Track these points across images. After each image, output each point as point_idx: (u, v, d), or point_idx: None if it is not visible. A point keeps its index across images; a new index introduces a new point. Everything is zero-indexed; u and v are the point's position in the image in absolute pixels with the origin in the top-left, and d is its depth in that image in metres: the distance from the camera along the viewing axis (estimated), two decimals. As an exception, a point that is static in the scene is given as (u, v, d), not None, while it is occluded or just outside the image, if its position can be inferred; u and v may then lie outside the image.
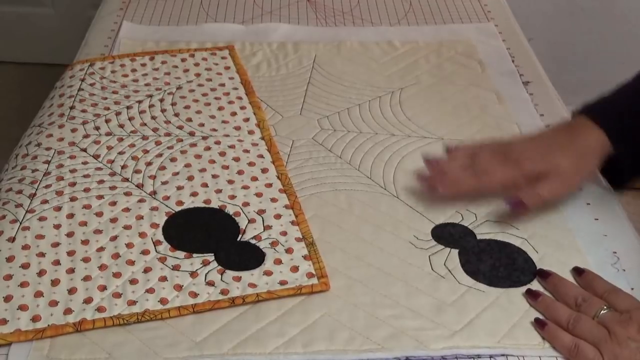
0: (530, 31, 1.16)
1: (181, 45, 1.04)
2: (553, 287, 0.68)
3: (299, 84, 0.97)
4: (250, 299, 0.65)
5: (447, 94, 0.96)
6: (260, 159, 0.82)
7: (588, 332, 0.62)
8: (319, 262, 0.69)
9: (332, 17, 1.14)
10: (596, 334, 0.61)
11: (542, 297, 0.66)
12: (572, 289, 0.67)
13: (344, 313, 0.65)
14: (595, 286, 0.67)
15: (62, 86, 0.94)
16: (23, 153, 0.82)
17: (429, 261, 0.70)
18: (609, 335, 0.61)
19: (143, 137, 0.84)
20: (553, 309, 0.65)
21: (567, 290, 0.67)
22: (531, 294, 0.67)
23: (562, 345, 0.62)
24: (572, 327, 0.63)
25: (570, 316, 0.64)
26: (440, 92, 0.96)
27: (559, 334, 0.63)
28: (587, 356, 0.60)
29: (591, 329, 0.62)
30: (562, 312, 0.65)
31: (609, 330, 0.61)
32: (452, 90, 0.97)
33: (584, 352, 0.61)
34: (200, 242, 0.71)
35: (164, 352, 0.61)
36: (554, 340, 0.63)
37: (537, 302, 0.66)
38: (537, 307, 0.66)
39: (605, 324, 0.62)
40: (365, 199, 0.78)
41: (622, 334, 0.60)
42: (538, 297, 0.66)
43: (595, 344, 0.61)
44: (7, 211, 0.73)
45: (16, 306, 0.63)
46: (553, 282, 0.68)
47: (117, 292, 0.65)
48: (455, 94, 0.96)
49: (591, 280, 0.68)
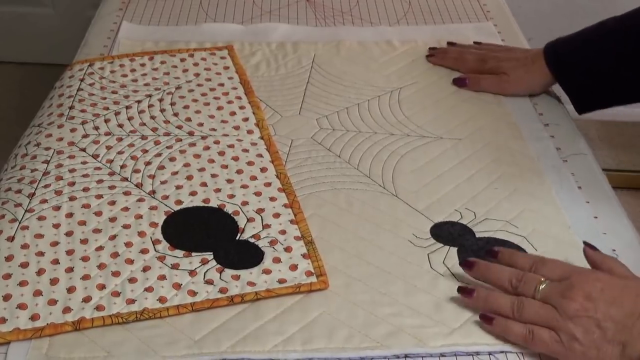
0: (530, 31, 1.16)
1: (180, 45, 1.04)
2: (482, 275, 0.65)
3: (298, 83, 0.97)
4: (249, 297, 0.65)
5: (446, 93, 0.96)
6: (259, 158, 0.82)
7: (536, 315, 0.60)
8: (317, 261, 0.69)
9: (331, 17, 1.14)
10: (544, 315, 0.59)
11: (476, 290, 0.64)
12: (502, 272, 0.64)
13: (343, 311, 0.65)
14: (518, 262, 0.65)
15: (62, 86, 0.94)
16: (22, 153, 0.82)
17: (428, 259, 0.70)
18: (557, 313, 0.59)
19: (142, 136, 0.84)
20: (492, 300, 0.63)
21: (498, 274, 0.64)
22: (465, 291, 0.64)
23: (516, 336, 0.60)
24: (519, 315, 0.61)
25: (512, 303, 0.61)
26: (439, 92, 0.96)
27: (509, 325, 0.61)
28: (544, 340, 0.59)
29: (537, 311, 0.60)
30: (502, 301, 0.62)
31: (556, 307, 0.59)
32: (451, 89, 0.97)
33: (539, 336, 0.59)
34: (199, 241, 0.71)
35: (162, 351, 0.61)
36: (506, 332, 0.61)
37: (473, 297, 0.64)
38: (475, 304, 0.64)
39: (548, 301, 0.60)
40: (364, 198, 0.78)
41: (570, 308, 0.58)
42: (472, 292, 0.64)
43: (547, 325, 0.59)
44: (6, 210, 0.73)
45: (15, 305, 0.63)
46: (480, 270, 0.65)
47: (116, 291, 0.65)
48: (454, 94, 0.96)
49: (510, 257, 0.66)
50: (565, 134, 0.89)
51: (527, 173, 0.82)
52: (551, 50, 0.92)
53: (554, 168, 0.83)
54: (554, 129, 0.89)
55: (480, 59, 0.98)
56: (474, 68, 0.98)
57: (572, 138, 0.88)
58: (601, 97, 0.91)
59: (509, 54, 0.97)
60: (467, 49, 1.01)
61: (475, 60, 0.98)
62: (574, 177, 0.82)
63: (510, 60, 0.95)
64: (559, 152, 0.86)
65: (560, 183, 0.81)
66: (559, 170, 0.83)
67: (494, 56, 0.97)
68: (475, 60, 0.98)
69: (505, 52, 0.99)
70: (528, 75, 0.94)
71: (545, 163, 0.84)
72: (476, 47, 1.02)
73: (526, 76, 0.94)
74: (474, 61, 0.98)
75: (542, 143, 0.87)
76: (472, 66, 0.98)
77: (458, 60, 1.00)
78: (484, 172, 0.82)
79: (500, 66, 0.95)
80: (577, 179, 0.82)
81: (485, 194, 0.79)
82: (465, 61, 0.99)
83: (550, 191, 0.79)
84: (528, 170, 0.82)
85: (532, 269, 0.64)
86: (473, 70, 0.97)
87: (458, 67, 0.99)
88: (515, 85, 0.94)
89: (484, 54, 0.98)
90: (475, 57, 0.99)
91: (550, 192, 0.79)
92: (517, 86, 0.94)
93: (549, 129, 0.89)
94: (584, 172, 0.83)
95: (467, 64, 0.98)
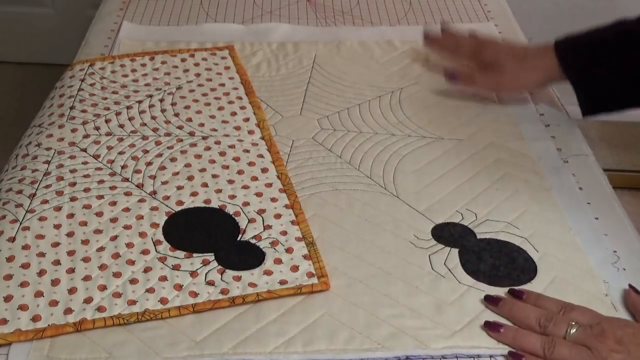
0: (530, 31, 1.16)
1: (181, 45, 1.04)
2: (508, 312, 0.64)
3: (299, 83, 0.97)
4: (250, 298, 0.65)
5: (447, 93, 0.96)
6: (260, 158, 0.82)
7: (569, 355, 0.59)
8: (319, 262, 0.69)
9: (331, 17, 1.14)
10: (577, 356, 0.59)
11: (505, 328, 0.62)
12: (531, 310, 0.63)
13: (344, 312, 0.65)
14: (546, 304, 0.64)
15: (62, 86, 0.94)
16: (23, 153, 0.82)
17: (429, 260, 0.70)
18: (591, 353, 0.58)
19: (143, 137, 0.84)
20: (521, 337, 0.61)
21: (526, 312, 0.63)
22: (492, 327, 0.63)
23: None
24: (550, 354, 0.59)
25: (543, 342, 0.60)
26: (440, 92, 0.96)
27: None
28: None
29: (571, 351, 0.59)
30: (532, 340, 0.61)
31: (589, 348, 0.59)
32: (451, 90, 0.96)
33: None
34: (200, 241, 0.71)
35: (164, 352, 0.61)
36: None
37: (500, 334, 0.62)
38: (503, 340, 0.62)
39: (582, 342, 0.59)
40: (365, 199, 0.78)
41: (604, 349, 0.58)
42: (500, 328, 0.62)
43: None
44: (7, 211, 0.73)
45: (16, 306, 0.63)
46: (507, 307, 0.64)
47: (117, 292, 0.65)
48: (455, 94, 0.96)
49: (537, 299, 0.65)
50: (566, 135, 0.89)
51: (528, 174, 0.82)
52: (563, 45, 0.87)
53: (554, 169, 0.83)
54: (555, 130, 0.89)
55: (476, 49, 0.93)
56: (469, 57, 0.94)
57: (573, 139, 0.88)
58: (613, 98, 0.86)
59: (506, 46, 0.93)
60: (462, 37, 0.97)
61: (470, 50, 0.94)
62: (575, 178, 0.82)
63: (507, 54, 0.91)
64: (560, 153, 0.85)
65: (561, 184, 0.81)
66: (560, 171, 0.83)
67: (490, 47, 0.93)
68: (470, 50, 0.94)
69: (503, 45, 0.95)
70: (526, 70, 0.89)
71: (546, 164, 0.83)
72: (473, 36, 0.97)
73: (523, 71, 0.89)
74: (470, 51, 0.94)
75: (543, 144, 0.87)
76: (468, 56, 0.94)
77: (453, 49, 0.96)
78: (485, 173, 0.82)
79: (497, 59, 0.90)
80: (578, 180, 0.82)
81: (486, 195, 0.79)
82: (460, 49, 0.95)
83: (551, 192, 0.79)
84: (529, 171, 0.82)
85: (561, 311, 0.63)
86: (468, 59, 0.94)
87: (453, 55, 0.96)
88: (511, 80, 0.90)
89: (480, 43, 0.94)
90: (470, 47, 0.94)
91: (551, 193, 0.79)
92: (512, 81, 0.90)
93: (550, 130, 0.89)
94: (585, 173, 0.83)
95: (462, 53, 0.95)
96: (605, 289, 0.68)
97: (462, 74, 0.93)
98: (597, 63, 0.85)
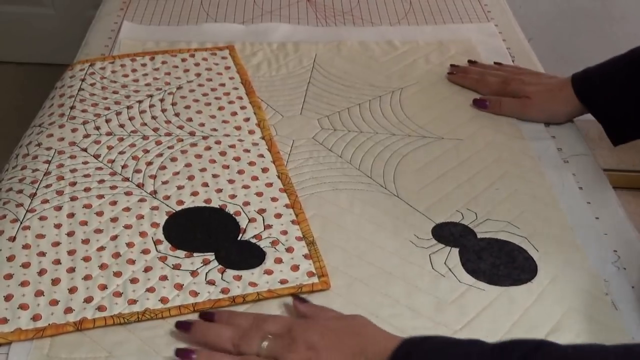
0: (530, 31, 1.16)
1: (181, 45, 1.04)
2: (202, 336, 0.61)
3: (299, 83, 0.97)
4: (250, 297, 0.65)
5: (447, 93, 0.96)
6: (260, 158, 0.82)
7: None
8: (319, 261, 0.69)
9: (332, 17, 1.14)
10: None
11: (197, 354, 0.59)
12: (225, 331, 0.60)
13: (345, 312, 0.65)
14: (237, 322, 0.62)
15: (63, 86, 0.94)
16: (23, 153, 0.82)
17: (429, 260, 0.71)
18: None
19: (143, 136, 0.84)
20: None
21: (219, 334, 0.60)
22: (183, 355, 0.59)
23: None
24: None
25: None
26: (440, 92, 0.96)
27: None
28: None
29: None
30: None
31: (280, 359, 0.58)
32: (452, 90, 0.97)
33: None
34: (201, 241, 0.71)
35: (164, 351, 0.61)
36: None
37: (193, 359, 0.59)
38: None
39: (273, 355, 0.58)
40: (366, 198, 0.78)
41: (294, 358, 0.57)
42: (192, 354, 0.59)
43: None
44: (8, 211, 0.73)
45: (17, 305, 0.63)
46: (199, 332, 0.61)
47: (117, 291, 0.65)
48: (455, 94, 0.96)
49: (228, 317, 0.62)
50: (566, 135, 0.89)
51: (529, 174, 0.82)
52: (580, 80, 0.88)
53: (555, 169, 0.83)
54: (555, 130, 0.89)
55: (502, 81, 0.93)
56: (496, 90, 0.93)
57: (573, 139, 0.89)
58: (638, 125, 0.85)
59: (534, 77, 0.93)
60: (489, 69, 0.98)
61: (497, 82, 0.94)
62: (575, 178, 0.82)
63: (535, 85, 0.91)
64: (560, 153, 0.86)
65: (562, 184, 0.81)
66: (560, 170, 0.83)
67: (517, 79, 0.93)
68: (497, 82, 0.94)
69: (530, 75, 0.94)
70: (553, 102, 0.89)
71: (547, 164, 0.84)
72: (498, 67, 0.98)
73: (551, 102, 0.89)
74: (496, 83, 0.94)
75: (543, 143, 0.87)
76: (494, 88, 0.94)
77: (480, 82, 0.95)
78: (485, 172, 0.82)
79: (524, 89, 0.91)
80: (578, 180, 0.82)
81: (487, 195, 0.79)
82: (487, 83, 0.95)
83: (552, 192, 0.79)
84: (529, 171, 0.82)
85: (252, 327, 0.61)
86: (495, 92, 0.93)
87: (479, 88, 0.95)
88: (538, 110, 0.90)
89: (507, 76, 0.94)
90: (497, 78, 0.94)
91: (551, 192, 0.79)
92: (539, 111, 0.90)
93: (550, 130, 0.89)
94: (585, 173, 0.83)
95: (489, 86, 0.94)
96: (605, 288, 0.68)
97: (491, 100, 0.92)
98: (615, 94, 0.85)
